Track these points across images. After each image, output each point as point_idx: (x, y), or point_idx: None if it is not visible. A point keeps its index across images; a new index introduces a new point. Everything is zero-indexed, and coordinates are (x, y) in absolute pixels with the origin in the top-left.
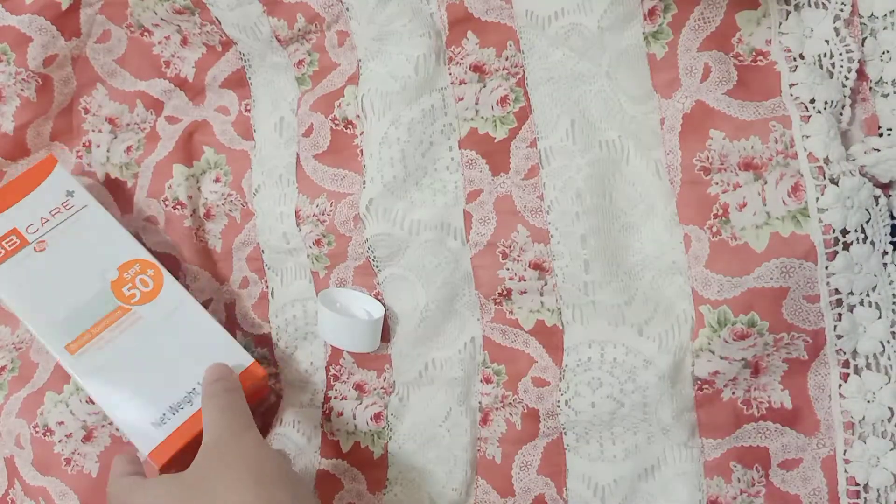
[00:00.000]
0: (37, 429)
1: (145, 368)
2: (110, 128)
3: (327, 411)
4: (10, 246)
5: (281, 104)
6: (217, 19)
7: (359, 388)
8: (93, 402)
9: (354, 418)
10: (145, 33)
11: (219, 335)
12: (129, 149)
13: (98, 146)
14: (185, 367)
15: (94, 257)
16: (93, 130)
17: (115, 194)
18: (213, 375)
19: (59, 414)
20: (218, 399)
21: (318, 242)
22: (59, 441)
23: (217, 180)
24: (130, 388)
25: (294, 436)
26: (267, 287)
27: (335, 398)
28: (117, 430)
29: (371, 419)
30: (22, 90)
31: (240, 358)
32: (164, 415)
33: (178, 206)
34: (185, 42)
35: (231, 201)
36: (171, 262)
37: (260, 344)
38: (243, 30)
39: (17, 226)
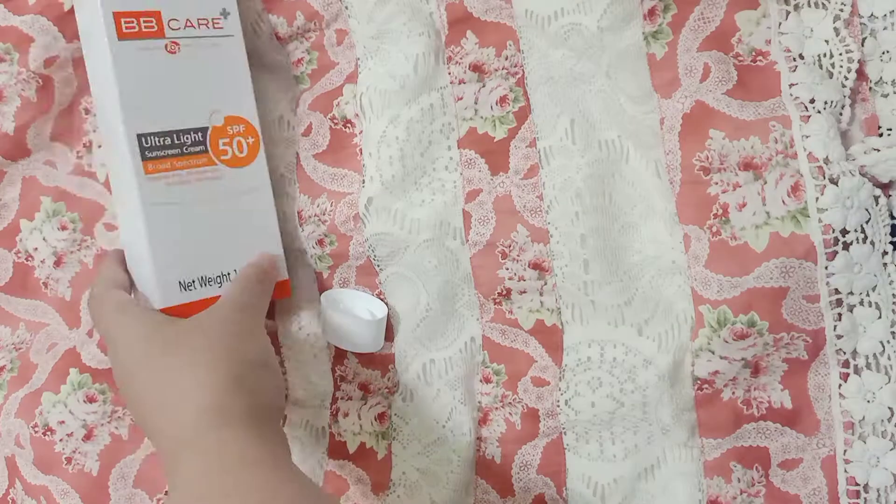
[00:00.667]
0: (36, 428)
1: (199, 229)
2: None
3: (335, 412)
4: (146, 27)
5: (279, 103)
6: None
7: (363, 388)
8: (92, 402)
9: (360, 419)
10: None
11: (273, 240)
12: None
13: (99, 146)
14: (233, 249)
15: (212, 92)
16: (93, 131)
17: None
18: (258, 261)
19: (59, 413)
20: (246, 281)
21: (320, 242)
22: (60, 440)
23: None
24: (177, 239)
25: (303, 436)
26: None
27: (342, 399)
28: (117, 428)
29: (375, 419)
30: (23, 90)
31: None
32: (193, 282)
33: None
34: None
35: None
36: None
37: None
38: (243, 27)
39: (162, 11)
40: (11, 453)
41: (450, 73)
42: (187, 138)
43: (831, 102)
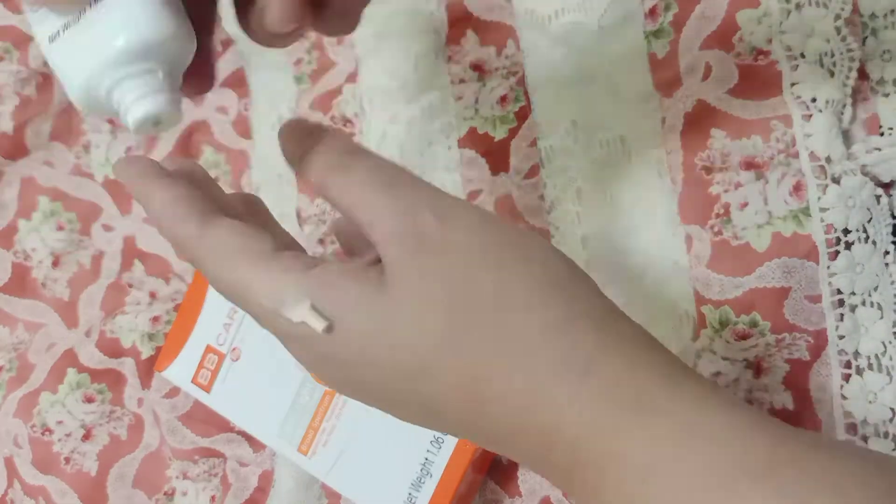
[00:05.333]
0: (34, 428)
1: (374, 449)
2: (110, 128)
3: None
4: (212, 365)
5: (279, 103)
6: (218, 16)
7: None
8: (91, 402)
9: None
10: None
11: None
12: (128, 149)
13: (97, 147)
14: (409, 436)
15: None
16: (92, 131)
17: (115, 195)
18: (320, 171)
19: (57, 413)
20: (349, 197)
21: (321, 242)
22: (59, 440)
23: (217, 180)
24: (369, 474)
25: None
26: None
27: None
28: (115, 428)
29: None
30: (22, 88)
31: None
32: (410, 494)
33: None
34: None
35: None
36: (162, 265)
37: None
38: None
39: (210, 342)
40: (10, 454)
41: (450, 73)
42: (303, 398)
43: (833, 101)
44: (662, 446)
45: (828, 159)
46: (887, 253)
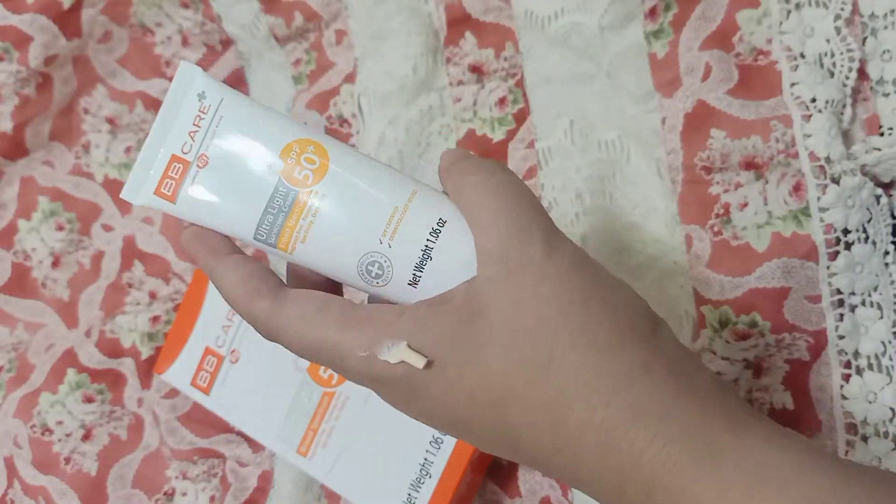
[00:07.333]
0: (34, 428)
1: (373, 450)
2: (110, 128)
3: None
4: (211, 367)
5: (277, 103)
6: (218, 16)
7: None
8: (91, 402)
9: None
10: (147, 33)
11: None
12: (128, 149)
13: (97, 146)
14: (408, 437)
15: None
16: (92, 131)
17: (114, 195)
18: (448, 160)
19: (57, 413)
20: (471, 187)
21: None
22: (59, 440)
23: None
24: (368, 475)
25: None
26: None
27: None
28: (115, 428)
29: None
30: (21, 88)
31: None
32: (410, 495)
33: None
34: (185, 42)
35: None
36: (161, 265)
37: None
38: (242, 27)
39: (208, 344)
40: (10, 454)
41: (448, 75)
42: (302, 400)
43: (832, 101)
44: (731, 489)
45: (827, 159)
46: (887, 253)
